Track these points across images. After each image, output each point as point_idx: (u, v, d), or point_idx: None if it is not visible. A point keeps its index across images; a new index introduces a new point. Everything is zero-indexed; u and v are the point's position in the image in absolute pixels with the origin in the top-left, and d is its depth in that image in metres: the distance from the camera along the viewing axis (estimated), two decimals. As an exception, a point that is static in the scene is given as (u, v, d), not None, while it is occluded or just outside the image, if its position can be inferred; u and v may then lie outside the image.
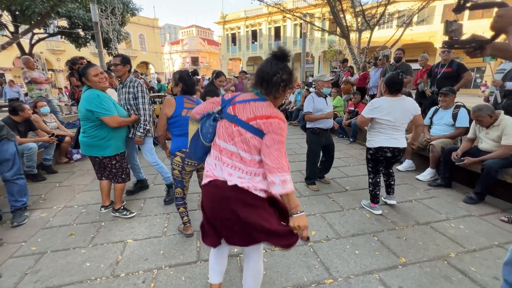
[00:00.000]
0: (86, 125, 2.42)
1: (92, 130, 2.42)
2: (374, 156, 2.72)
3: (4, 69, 21.97)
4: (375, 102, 2.62)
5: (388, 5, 8.41)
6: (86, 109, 2.33)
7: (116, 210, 2.74)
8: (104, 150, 2.51)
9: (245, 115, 1.22)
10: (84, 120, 2.42)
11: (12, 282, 1.84)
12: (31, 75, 5.21)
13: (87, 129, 2.43)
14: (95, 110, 2.31)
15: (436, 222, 2.59)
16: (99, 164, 2.61)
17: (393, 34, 9.24)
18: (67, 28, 11.40)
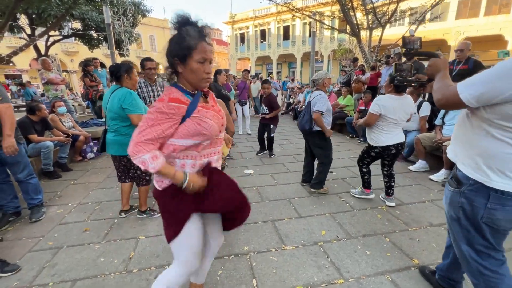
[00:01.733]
0: (119, 124, 2.45)
1: (125, 129, 2.45)
2: (379, 154, 2.79)
3: (22, 70, 22.76)
4: (382, 100, 2.64)
5: (400, 2, 8.23)
6: (120, 107, 2.36)
7: (143, 212, 2.72)
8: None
9: None
10: (116, 119, 2.44)
11: (31, 275, 1.91)
12: (48, 76, 5.38)
13: (120, 128, 2.46)
14: (127, 107, 2.35)
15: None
16: (124, 165, 2.61)
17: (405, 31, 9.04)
18: (80, 30, 11.72)
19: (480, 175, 1.11)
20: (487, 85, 0.98)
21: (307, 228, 2.48)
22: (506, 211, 1.07)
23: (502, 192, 1.06)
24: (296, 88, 10.52)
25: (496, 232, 1.15)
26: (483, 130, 1.08)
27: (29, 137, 3.59)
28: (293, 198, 3.12)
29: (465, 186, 1.17)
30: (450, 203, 1.27)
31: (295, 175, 3.88)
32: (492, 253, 1.20)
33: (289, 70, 29.43)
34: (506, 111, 0.97)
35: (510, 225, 1.12)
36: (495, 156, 1.06)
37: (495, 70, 0.98)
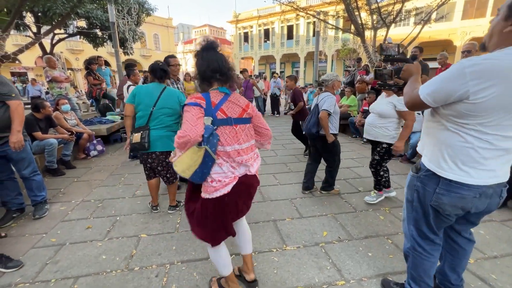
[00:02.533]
0: (172, 120, 2.58)
1: (176, 125, 2.63)
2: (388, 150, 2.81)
3: (27, 68, 22.97)
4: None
5: (405, 1, 8.15)
6: (179, 103, 2.56)
7: (175, 207, 2.84)
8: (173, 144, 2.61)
9: (235, 112, 1.39)
10: (172, 116, 2.56)
11: (34, 271, 1.92)
12: (52, 74, 5.42)
13: (173, 124, 2.59)
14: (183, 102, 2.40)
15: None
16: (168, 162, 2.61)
17: (410, 31, 8.95)
18: (85, 28, 11.78)
19: (434, 164, 1.24)
20: (439, 85, 1.10)
21: (308, 228, 2.47)
22: (451, 197, 1.20)
23: (450, 180, 1.19)
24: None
25: (438, 217, 1.30)
26: (442, 125, 1.20)
27: (34, 134, 3.62)
28: (295, 198, 3.11)
29: (422, 172, 1.31)
30: (408, 186, 1.42)
31: (297, 175, 3.87)
32: (431, 236, 1.38)
33: (292, 70, 29.33)
34: (458, 109, 1.09)
35: (453, 210, 1.24)
36: (451, 147, 1.17)
37: (446, 73, 1.09)
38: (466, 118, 1.09)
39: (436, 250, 1.41)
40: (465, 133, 1.12)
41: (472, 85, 1.01)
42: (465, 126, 1.11)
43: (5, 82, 2.32)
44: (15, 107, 2.31)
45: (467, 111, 1.07)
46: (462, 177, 1.16)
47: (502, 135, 1.07)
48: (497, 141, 1.08)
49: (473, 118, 1.07)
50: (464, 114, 1.08)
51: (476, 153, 1.12)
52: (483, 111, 1.04)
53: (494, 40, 1.09)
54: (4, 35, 5.76)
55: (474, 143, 1.11)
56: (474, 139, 1.10)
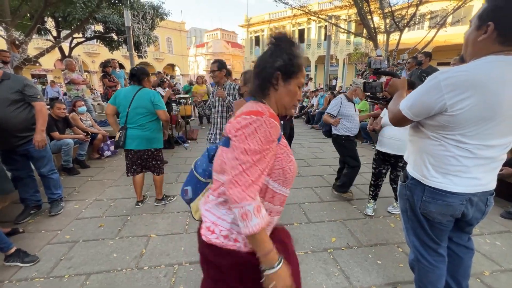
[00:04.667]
0: (146, 119, 2.73)
1: (151, 124, 2.76)
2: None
3: (47, 70, 23.92)
4: None
5: (420, 5, 8.02)
6: (152, 102, 2.69)
7: (161, 200, 3.04)
8: (157, 142, 2.86)
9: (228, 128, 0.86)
10: (145, 115, 2.71)
11: (49, 267, 2.00)
12: (71, 76, 5.63)
13: (147, 123, 2.74)
14: (157, 103, 2.71)
15: (469, 236, 2.41)
16: (146, 159, 2.85)
17: (425, 35, 8.78)
18: (102, 32, 12.21)
19: (418, 172, 1.24)
20: (417, 99, 1.12)
21: (317, 234, 2.46)
22: (437, 204, 1.18)
23: (434, 188, 1.18)
24: (309, 92, 10.46)
25: (432, 225, 1.26)
26: (423, 134, 1.20)
27: (51, 134, 3.77)
28: (304, 203, 3.09)
29: (408, 180, 1.30)
30: (399, 196, 1.39)
31: (306, 179, 3.85)
32: (432, 245, 1.32)
33: (303, 74, 29.23)
34: (439, 120, 1.09)
35: (443, 218, 1.22)
36: (432, 155, 1.17)
37: (423, 86, 1.10)
38: (446, 128, 1.10)
39: (441, 261, 1.35)
40: (446, 142, 1.12)
41: (448, 98, 1.02)
42: (446, 135, 1.11)
43: (32, 84, 2.47)
44: (39, 108, 2.47)
45: (446, 123, 1.08)
46: (446, 185, 1.15)
47: (483, 144, 1.07)
48: (479, 150, 1.08)
49: (452, 128, 1.08)
50: (444, 125, 1.09)
51: (457, 161, 1.11)
52: (462, 122, 1.04)
53: (469, 50, 1.10)
54: (27, 39, 6.05)
55: (455, 152, 1.11)
56: (455, 148, 1.10)
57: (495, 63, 0.98)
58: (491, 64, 0.98)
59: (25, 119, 2.44)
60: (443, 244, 1.34)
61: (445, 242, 1.36)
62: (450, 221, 1.26)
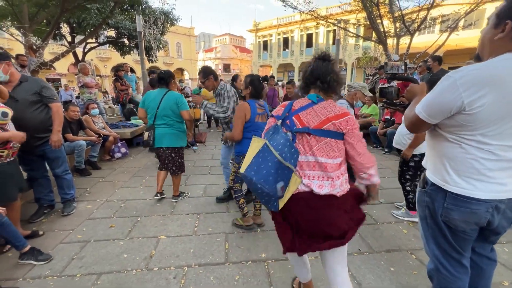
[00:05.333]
0: (173, 120, 2.96)
1: (177, 124, 2.99)
2: (419, 163, 2.58)
3: (61, 74, 24.65)
4: None
5: (431, 9, 7.92)
6: (176, 104, 2.91)
7: (177, 196, 3.23)
8: (182, 141, 3.09)
9: (315, 120, 1.22)
10: (172, 116, 2.95)
11: (61, 266, 2.03)
12: (84, 80, 5.78)
13: (174, 123, 2.97)
14: (182, 104, 2.94)
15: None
16: (173, 157, 3.05)
17: (436, 39, 8.65)
18: (114, 37, 12.53)
19: (438, 178, 1.18)
20: (433, 100, 1.09)
21: (327, 238, 2.41)
22: (461, 211, 1.12)
23: (456, 194, 1.12)
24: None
25: (455, 233, 1.20)
26: (442, 136, 1.16)
27: (65, 136, 3.86)
28: (313, 207, 3.05)
29: (428, 186, 1.24)
30: (418, 202, 1.33)
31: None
32: (455, 255, 1.24)
33: (311, 78, 29.21)
34: (457, 120, 1.05)
35: (467, 226, 1.15)
36: (453, 159, 1.13)
37: (438, 87, 1.08)
38: (465, 129, 1.05)
39: (464, 273, 1.27)
40: (467, 144, 1.07)
41: (466, 96, 0.99)
42: (466, 137, 1.07)
43: (49, 86, 2.55)
44: (56, 109, 2.55)
45: (466, 122, 1.04)
46: (470, 191, 1.09)
47: (507, 145, 1.02)
48: (502, 151, 1.03)
49: (472, 128, 1.04)
50: (463, 125, 1.05)
51: (479, 164, 1.06)
52: (481, 120, 1.00)
53: (486, 49, 1.08)
54: (44, 44, 6.26)
55: (477, 154, 1.06)
56: (476, 149, 1.06)
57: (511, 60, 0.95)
58: (508, 61, 0.96)
59: (43, 120, 2.52)
60: (466, 254, 1.26)
61: (469, 253, 1.27)
62: (474, 229, 1.18)
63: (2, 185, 2.06)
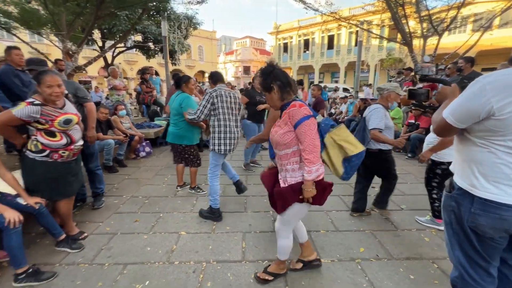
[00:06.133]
0: (177, 119, 3.26)
1: (181, 123, 3.26)
2: (446, 171, 2.43)
3: (92, 77, 26.24)
4: None
5: (461, 7, 7.52)
6: (180, 105, 3.17)
7: (193, 188, 3.53)
8: (187, 140, 3.33)
9: None
10: (176, 115, 3.26)
11: (92, 255, 2.20)
12: (114, 83, 6.15)
13: (177, 122, 3.26)
14: (183, 105, 3.17)
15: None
16: (180, 152, 3.40)
17: (467, 39, 8.19)
18: (141, 42, 13.17)
19: (466, 182, 1.16)
20: (461, 104, 1.08)
21: (344, 243, 2.40)
22: (490, 217, 1.08)
23: (485, 199, 1.09)
24: (338, 98, 10.25)
25: (482, 240, 1.15)
26: (471, 141, 1.14)
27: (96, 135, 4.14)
28: (331, 211, 3.03)
29: (455, 190, 1.21)
30: (444, 207, 1.30)
31: (334, 187, 3.75)
32: (482, 263, 1.19)
33: (332, 80, 28.72)
34: (486, 125, 1.04)
35: (495, 233, 1.11)
36: (481, 163, 1.10)
37: (467, 91, 1.07)
38: (495, 134, 1.04)
39: (490, 282, 1.21)
40: (496, 148, 1.06)
41: (495, 101, 0.98)
42: (496, 142, 1.05)
43: (82, 87, 2.78)
44: (90, 108, 2.78)
45: (495, 127, 1.02)
46: (499, 196, 1.06)
47: None
48: None
49: (502, 134, 1.02)
50: (493, 130, 1.03)
51: (509, 169, 1.04)
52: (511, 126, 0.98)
53: None
54: (79, 49, 6.76)
55: (506, 159, 1.04)
56: (506, 154, 1.04)
57: None
58: None
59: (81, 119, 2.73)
60: (494, 263, 1.20)
61: (497, 262, 1.22)
62: (504, 237, 1.13)
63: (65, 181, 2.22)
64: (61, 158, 2.12)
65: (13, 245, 1.78)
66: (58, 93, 1.99)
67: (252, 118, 4.48)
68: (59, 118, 2.02)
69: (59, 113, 2.04)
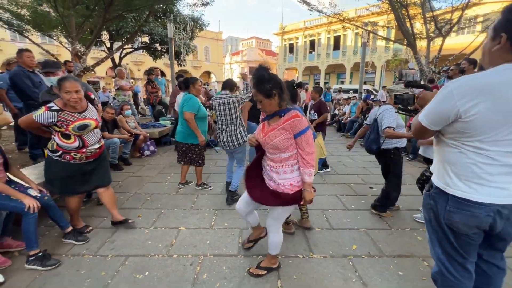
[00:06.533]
0: (182, 118, 3.37)
1: (184, 122, 3.38)
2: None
3: (99, 77, 26.77)
4: None
5: (466, 9, 7.46)
6: (182, 105, 3.33)
7: (199, 185, 3.71)
8: (193, 139, 3.44)
9: None
10: (181, 116, 3.38)
11: (96, 247, 2.32)
12: (120, 83, 6.33)
13: (184, 121, 3.36)
14: (184, 105, 3.30)
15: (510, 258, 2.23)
16: (184, 150, 3.54)
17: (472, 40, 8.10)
18: (147, 43, 13.41)
19: (441, 181, 1.24)
20: (433, 108, 1.17)
21: (337, 240, 2.47)
22: (462, 214, 1.16)
23: (458, 197, 1.16)
24: (342, 100, 10.26)
25: (458, 236, 1.22)
26: (444, 142, 1.23)
27: (102, 134, 4.29)
28: (327, 210, 3.10)
29: (433, 189, 1.29)
30: (424, 205, 1.37)
31: (332, 187, 3.84)
32: (459, 259, 1.26)
33: (337, 81, 28.62)
34: (455, 127, 1.12)
35: (469, 230, 1.18)
36: (454, 163, 1.18)
37: (437, 95, 1.15)
38: (464, 135, 1.11)
39: (467, 277, 1.28)
40: (466, 149, 1.13)
41: (461, 104, 1.05)
42: (465, 142, 1.12)
43: (91, 88, 2.91)
44: (100, 109, 2.88)
45: (463, 129, 1.09)
46: (469, 194, 1.13)
47: (505, 150, 1.05)
48: (502, 156, 1.06)
49: (470, 135, 1.09)
50: (461, 131, 1.11)
51: (479, 169, 1.10)
52: (477, 128, 1.05)
53: (486, 59, 1.14)
54: (87, 51, 6.96)
55: (476, 159, 1.10)
56: (475, 154, 1.10)
57: (507, 70, 1.00)
58: (503, 72, 1.00)
59: None
60: (470, 259, 1.27)
61: (474, 257, 1.28)
62: (477, 233, 1.20)
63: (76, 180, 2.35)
64: (73, 159, 2.24)
65: (31, 229, 2.00)
66: (76, 98, 2.10)
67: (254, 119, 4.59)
68: (74, 123, 2.13)
69: (77, 118, 2.16)
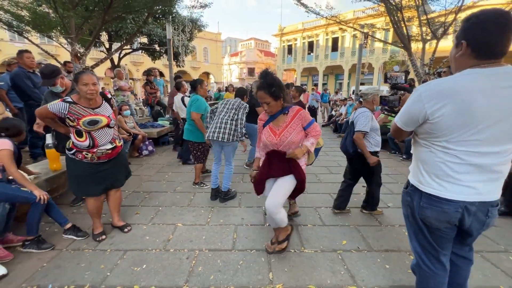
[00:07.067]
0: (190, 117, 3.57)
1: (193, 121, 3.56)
2: None
3: (99, 78, 26.79)
4: None
5: (459, 12, 7.61)
6: (190, 105, 3.56)
7: (196, 184, 3.83)
8: (197, 137, 3.62)
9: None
10: (189, 116, 3.59)
11: (95, 242, 2.40)
12: (119, 84, 6.42)
13: (191, 120, 3.56)
14: (191, 105, 3.54)
15: (490, 252, 2.34)
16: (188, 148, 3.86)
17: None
18: (146, 44, 13.50)
19: (415, 179, 1.33)
20: (405, 110, 1.25)
21: (328, 236, 2.57)
22: (434, 210, 1.24)
23: (429, 194, 1.25)
24: (339, 101, 10.38)
25: (431, 231, 1.32)
26: (417, 142, 1.32)
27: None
28: (320, 207, 3.20)
29: (409, 186, 1.38)
30: (402, 202, 1.46)
31: (325, 186, 3.93)
32: (432, 251, 1.36)
33: (336, 82, 28.81)
34: (424, 128, 1.21)
35: (440, 224, 1.27)
36: (425, 162, 1.27)
37: (409, 99, 1.23)
38: (432, 135, 1.19)
39: (442, 269, 1.37)
40: (435, 148, 1.21)
41: (428, 107, 1.14)
42: (434, 142, 1.21)
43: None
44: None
45: (431, 130, 1.18)
46: (439, 191, 1.21)
47: (472, 151, 1.12)
48: (468, 156, 1.14)
49: (437, 136, 1.17)
50: (430, 132, 1.19)
51: (447, 167, 1.18)
52: (442, 129, 1.14)
53: (453, 65, 1.22)
54: (87, 52, 7.04)
55: (443, 158, 1.19)
56: (443, 154, 1.19)
57: (470, 75, 1.09)
58: (466, 76, 1.10)
59: None
60: (444, 251, 1.35)
61: (447, 250, 1.36)
62: (449, 228, 1.28)
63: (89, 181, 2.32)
64: (85, 159, 2.24)
65: (36, 218, 2.23)
66: (92, 90, 2.13)
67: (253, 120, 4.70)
68: (85, 118, 2.12)
69: (88, 113, 2.15)
